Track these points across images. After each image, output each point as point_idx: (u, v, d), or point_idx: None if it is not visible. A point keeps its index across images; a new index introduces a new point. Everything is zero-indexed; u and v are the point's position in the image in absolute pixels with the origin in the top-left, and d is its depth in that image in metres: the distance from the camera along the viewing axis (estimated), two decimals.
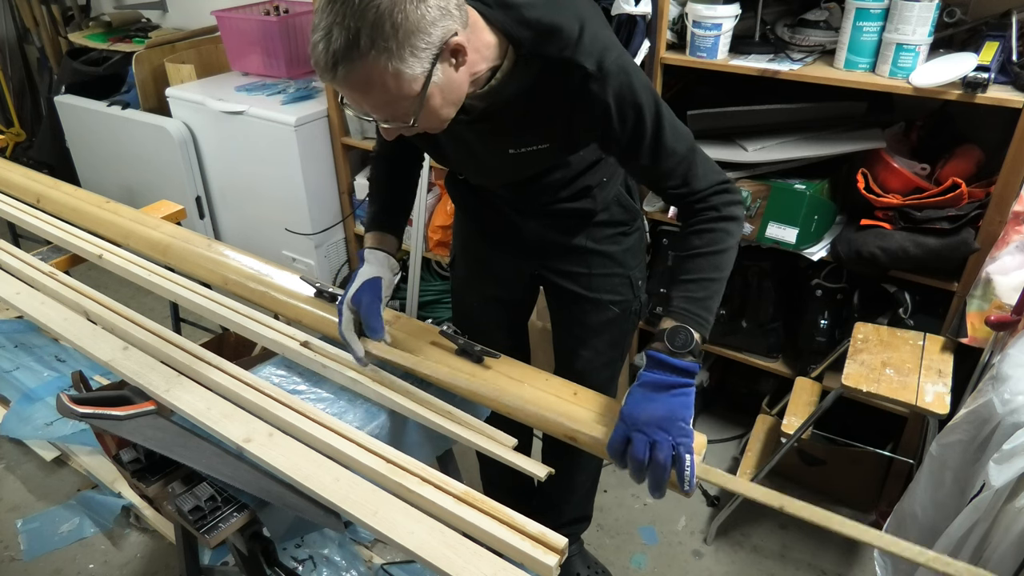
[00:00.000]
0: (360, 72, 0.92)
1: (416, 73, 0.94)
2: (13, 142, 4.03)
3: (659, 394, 1.01)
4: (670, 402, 1.01)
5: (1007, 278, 1.60)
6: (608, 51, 1.06)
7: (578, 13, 1.08)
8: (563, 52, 1.05)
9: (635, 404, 1.01)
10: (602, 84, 1.05)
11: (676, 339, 1.04)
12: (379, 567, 1.89)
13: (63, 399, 1.18)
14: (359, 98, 0.98)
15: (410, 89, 0.96)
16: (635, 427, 0.99)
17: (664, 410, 1.00)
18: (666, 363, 1.03)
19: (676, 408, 1.00)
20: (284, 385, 1.30)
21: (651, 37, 1.86)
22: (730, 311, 2.14)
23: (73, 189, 2.00)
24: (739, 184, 1.89)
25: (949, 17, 1.68)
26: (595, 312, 1.51)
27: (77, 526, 2.08)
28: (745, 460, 2.03)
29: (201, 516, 1.07)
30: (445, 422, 1.18)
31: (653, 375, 1.03)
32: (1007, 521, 1.18)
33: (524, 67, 1.08)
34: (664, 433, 0.98)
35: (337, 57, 0.91)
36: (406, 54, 0.92)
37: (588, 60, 1.05)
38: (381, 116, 1.01)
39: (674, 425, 0.98)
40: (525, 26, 1.06)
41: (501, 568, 0.94)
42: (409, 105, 0.98)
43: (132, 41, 3.36)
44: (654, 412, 0.99)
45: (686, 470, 0.97)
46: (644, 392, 1.03)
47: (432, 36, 0.93)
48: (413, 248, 2.61)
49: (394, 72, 0.93)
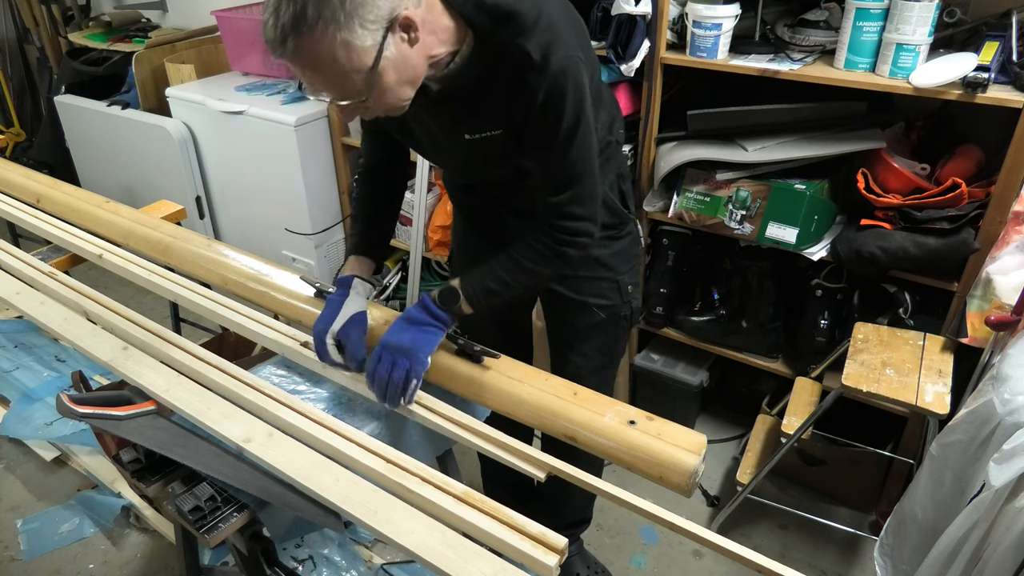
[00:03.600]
0: (309, 45, 0.93)
1: (366, 45, 0.95)
2: (13, 142, 4.02)
3: (413, 327, 1.20)
4: (418, 336, 1.19)
5: (1007, 278, 1.60)
6: (556, 47, 1.07)
7: (537, 2, 1.09)
8: (515, 38, 1.07)
9: (392, 333, 1.20)
10: (539, 76, 1.08)
11: (447, 297, 1.22)
12: (379, 567, 1.89)
13: (63, 399, 1.18)
14: (311, 75, 0.99)
15: (361, 62, 0.96)
16: (386, 350, 1.18)
17: (410, 341, 1.18)
18: (429, 308, 1.21)
19: (420, 342, 1.18)
20: (284, 385, 1.30)
21: (651, 37, 1.86)
22: (730, 311, 2.14)
23: (73, 189, 2.00)
24: (739, 184, 1.90)
25: (949, 17, 1.68)
26: (582, 315, 1.51)
27: (77, 526, 2.08)
28: (745, 460, 2.03)
29: (201, 516, 1.07)
30: (445, 422, 1.18)
31: (416, 312, 1.22)
32: (1007, 521, 1.18)
33: (480, 52, 1.10)
34: (404, 359, 1.16)
35: (286, 31, 0.92)
36: (355, 24, 0.93)
37: (535, 49, 1.07)
38: (335, 94, 1.02)
39: (414, 355, 1.17)
40: (484, 12, 1.07)
41: (501, 568, 0.94)
42: (362, 80, 0.98)
43: (132, 41, 3.36)
44: (402, 341, 1.18)
45: (409, 390, 1.17)
46: (402, 324, 1.21)
47: (381, 8, 0.95)
48: (413, 248, 2.61)
49: (343, 43, 0.94)
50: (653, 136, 2.00)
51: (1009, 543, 1.16)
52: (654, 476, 1.07)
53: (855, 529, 1.98)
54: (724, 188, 1.92)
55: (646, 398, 2.38)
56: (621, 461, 1.10)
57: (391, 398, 1.17)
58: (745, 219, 1.90)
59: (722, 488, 2.21)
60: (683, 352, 2.32)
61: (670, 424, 1.13)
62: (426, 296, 1.23)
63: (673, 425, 1.12)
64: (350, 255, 1.37)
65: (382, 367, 1.17)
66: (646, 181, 2.06)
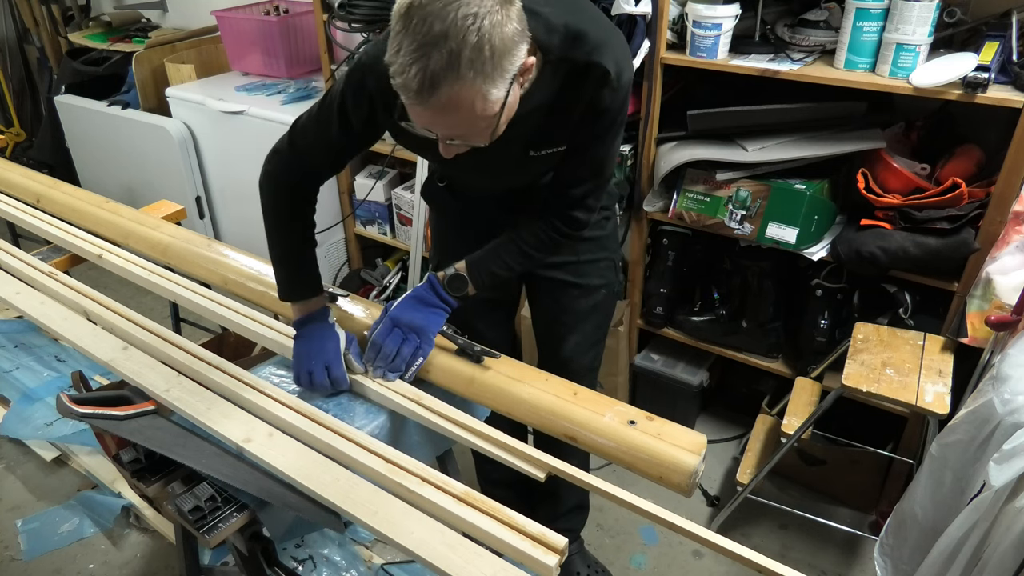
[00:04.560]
0: (455, 93, 0.92)
1: (500, 95, 0.96)
2: (13, 142, 4.02)
3: (424, 308, 1.26)
4: (429, 316, 1.25)
5: (1007, 278, 1.60)
6: (626, 63, 1.15)
7: (597, 19, 1.14)
8: (590, 55, 1.10)
9: (403, 309, 1.25)
10: (613, 93, 1.13)
11: (456, 282, 1.27)
12: (379, 567, 1.89)
13: (63, 399, 1.18)
14: (440, 119, 0.98)
15: (492, 110, 0.97)
16: (398, 324, 1.24)
17: (422, 320, 1.24)
18: (438, 291, 1.27)
19: (431, 323, 1.25)
20: (284, 385, 1.30)
21: (651, 37, 1.86)
22: (730, 311, 2.14)
23: (73, 189, 2.00)
24: (739, 184, 1.90)
25: (949, 17, 1.68)
26: (583, 298, 1.55)
27: (77, 526, 2.08)
28: (745, 460, 2.03)
29: (201, 516, 1.07)
30: (445, 422, 1.18)
31: (426, 293, 1.27)
32: (1007, 521, 1.18)
33: (552, 71, 1.11)
34: (415, 336, 1.24)
35: (436, 79, 0.90)
36: (497, 77, 0.94)
37: (612, 65, 1.10)
38: (455, 135, 1.02)
39: (424, 334, 1.24)
40: (553, 32, 1.09)
41: (501, 568, 0.94)
42: (486, 126, 0.99)
43: (132, 41, 3.36)
44: (415, 319, 1.24)
45: (415, 366, 1.24)
46: (413, 303, 1.26)
47: (516, 57, 0.95)
48: (413, 248, 2.61)
49: (484, 94, 0.94)
50: (653, 136, 2.00)
51: (1009, 543, 1.16)
52: (654, 476, 1.07)
53: (855, 529, 1.98)
54: (724, 188, 1.92)
55: (646, 398, 2.38)
56: (621, 461, 1.10)
57: (394, 368, 1.23)
58: (745, 219, 1.90)
59: (722, 488, 2.21)
60: (683, 352, 2.32)
61: (670, 424, 1.13)
62: (434, 278, 1.28)
63: (673, 425, 1.12)
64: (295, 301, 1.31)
65: (392, 340, 1.23)
66: (646, 181, 2.06)
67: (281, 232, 1.31)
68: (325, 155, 1.26)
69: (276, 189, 1.28)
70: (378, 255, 2.91)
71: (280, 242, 1.32)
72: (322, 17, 2.40)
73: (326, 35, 2.44)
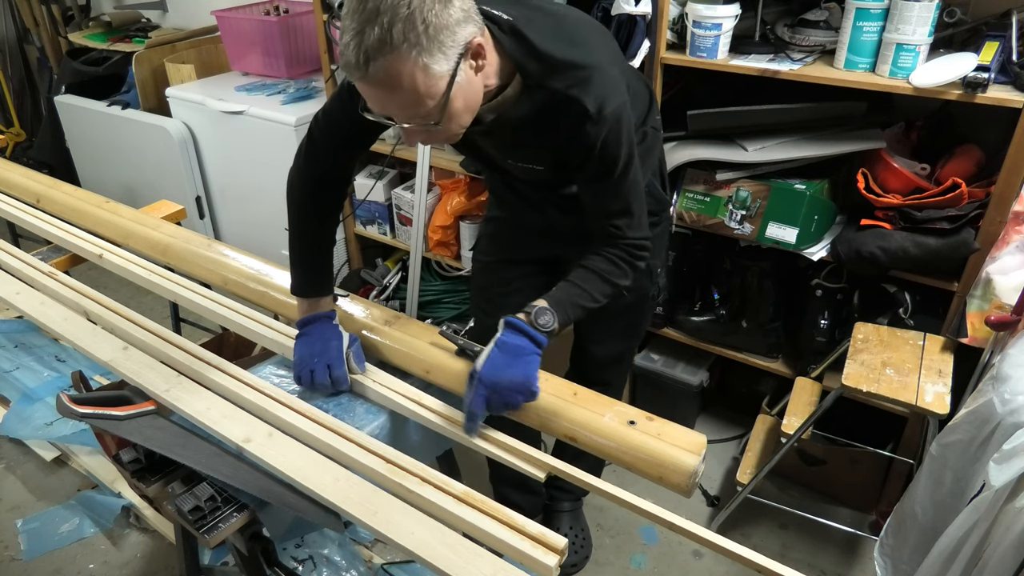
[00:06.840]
0: (391, 67, 0.95)
1: (443, 71, 0.98)
2: (13, 142, 4.02)
3: (517, 359, 1.13)
4: (526, 368, 1.13)
5: (1007, 278, 1.60)
6: (610, 98, 1.12)
7: (591, 51, 1.14)
8: (570, 89, 1.10)
9: (495, 368, 1.12)
10: (596, 126, 1.12)
11: (542, 318, 1.15)
12: (379, 567, 1.89)
13: (63, 399, 1.18)
14: (386, 97, 1.00)
15: (436, 87, 0.99)
16: (495, 390, 1.11)
17: (521, 376, 1.12)
18: (528, 332, 1.14)
19: (531, 375, 1.14)
20: (284, 385, 1.30)
21: (651, 37, 1.86)
22: (730, 311, 2.14)
23: (73, 189, 2.00)
24: (739, 184, 1.90)
25: (949, 17, 1.68)
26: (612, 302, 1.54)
27: (77, 526, 2.08)
28: (745, 460, 2.03)
29: (201, 516, 1.07)
30: (445, 422, 1.18)
31: (515, 339, 1.14)
32: (1007, 521, 1.18)
33: (529, 95, 1.13)
34: (519, 396, 1.13)
35: (370, 52, 0.93)
36: (435, 50, 0.95)
37: (592, 103, 1.10)
38: (405, 116, 1.03)
39: (526, 389, 1.13)
40: (535, 58, 1.10)
41: (501, 568, 0.94)
42: (434, 105, 1.00)
43: (132, 41, 3.36)
44: (514, 377, 1.12)
45: None
46: (503, 356, 1.13)
47: (457, 35, 0.97)
48: (413, 248, 2.61)
49: (423, 67, 0.96)
50: None
51: (1009, 543, 1.16)
52: (654, 476, 1.08)
53: (855, 529, 1.98)
54: (724, 188, 1.92)
55: (646, 398, 2.38)
56: (621, 461, 1.10)
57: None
58: (745, 219, 1.90)
59: (722, 488, 2.21)
60: (683, 352, 2.32)
61: (670, 424, 1.13)
62: (519, 322, 1.16)
63: (673, 425, 1.12)
64: (306, 297, 1.32)
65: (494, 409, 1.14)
66: None
67: (304, 228, 1.33)
68: (342, 137, 1.27)
69: (302, 183, 1.30)
70: (378, 255, 2.91)
71: (303, 237, 1.33)
72: (322, 17, 2.40)
73: (326, 35, 2.44)
